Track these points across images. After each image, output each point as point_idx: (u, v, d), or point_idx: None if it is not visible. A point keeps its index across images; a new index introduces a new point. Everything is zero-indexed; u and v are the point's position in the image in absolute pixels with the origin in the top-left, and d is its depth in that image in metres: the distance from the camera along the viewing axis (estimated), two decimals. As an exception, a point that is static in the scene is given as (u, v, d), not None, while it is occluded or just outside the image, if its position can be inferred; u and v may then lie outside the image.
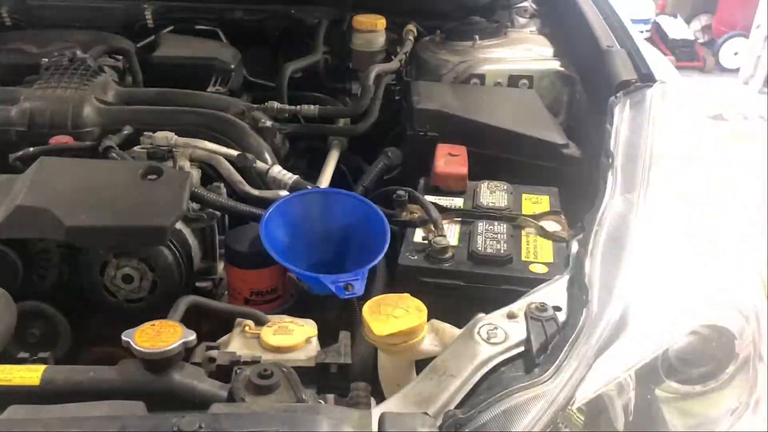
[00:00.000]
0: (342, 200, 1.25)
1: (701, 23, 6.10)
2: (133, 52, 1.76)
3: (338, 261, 1.18)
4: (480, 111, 1.55)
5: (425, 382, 0.87)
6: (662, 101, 1.38)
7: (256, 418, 0.71)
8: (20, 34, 1.84)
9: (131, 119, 1.43)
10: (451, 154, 1.37)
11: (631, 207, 1.09)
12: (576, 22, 1.79)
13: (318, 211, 1.24)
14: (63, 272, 1.19)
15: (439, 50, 1.86)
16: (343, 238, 1.22)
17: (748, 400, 0.99)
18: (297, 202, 1.23)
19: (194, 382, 0.83)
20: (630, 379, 0.92)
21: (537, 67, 1.78)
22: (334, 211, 1.24)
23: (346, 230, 1.22)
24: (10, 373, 0.82)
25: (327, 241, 1.22)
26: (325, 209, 1.24)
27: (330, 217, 1.23)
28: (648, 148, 1.23)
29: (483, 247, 1.14)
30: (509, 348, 0.92)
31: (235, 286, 1.20)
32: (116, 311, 1.17)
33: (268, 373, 0.80)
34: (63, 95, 1.42)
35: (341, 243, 1.22)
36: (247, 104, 1.56)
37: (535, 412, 0.81)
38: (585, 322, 0.90)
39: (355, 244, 1.20)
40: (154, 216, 1.10)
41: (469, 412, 0.80)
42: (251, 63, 1.92)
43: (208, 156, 1.38)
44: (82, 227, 1.07)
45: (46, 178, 1.15)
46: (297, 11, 2.00)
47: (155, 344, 0.81)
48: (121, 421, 0.70)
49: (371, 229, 1.19)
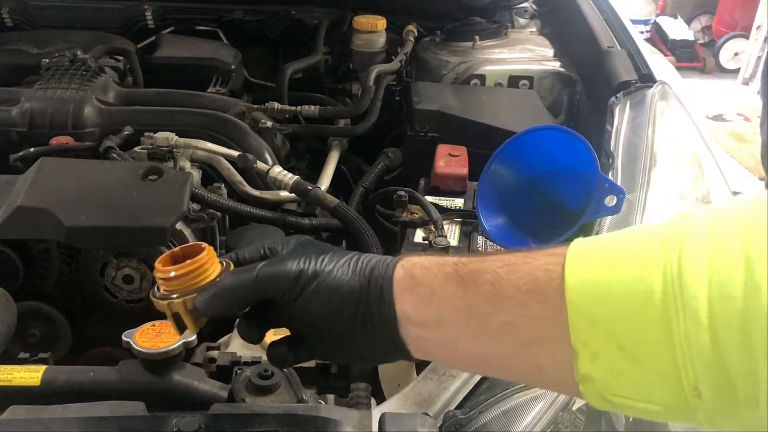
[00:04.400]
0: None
1: (701, 24, 6.10)
2: (133, 53, 1.76)
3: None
4: (480, 112, 1.55)
5: (425, 382, 0.87)
6: (662, 102, 1.38)
7: (257, 418, 0.72)
8: (21, 35, 1.84)
9: (132, 120, 1.43)
10: (451, 154, 1.37)
11: (631, 207, 1.09)
12: (576, 23, 1.80)
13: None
14: (63, 272, 1.19)
15: (440, 51, 1.86)
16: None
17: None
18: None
19: (194, 382, 0.83)
20: (630, 380, 0.91)
21: (537, 67, 1.78)
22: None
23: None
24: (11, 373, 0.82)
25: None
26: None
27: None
28: (648, 148, 1.23)
29: (483, 248, 1.14)
30: (509, 348, 0.92)
31: (236, 286, 1.19)
32: (116, 311, 1.18)
33: (268, 373, 0.80)
34: (63, 96, 1.42)
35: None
36: (247, 105, 1.56)
37: (536, 412, 0.81)
38: (585, 322, 0.89)
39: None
40: (155, 216, 1.10)
41: (469, 412, 0.80)
42: (251, 63, 1.92)
43: (209, 156, 1.38)
44: (83, 228, 1.07)
45: (46, 179, 1.15)
46: (297, 12, 2.00)
47: (155, 344, 0.81)
48: (121, 421, 0.70)
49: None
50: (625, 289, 0.49)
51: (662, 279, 0.48)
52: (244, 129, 1.46)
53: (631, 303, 0.49)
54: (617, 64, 1.51)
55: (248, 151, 1.39)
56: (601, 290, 0.50)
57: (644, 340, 0.48)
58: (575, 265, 0.52)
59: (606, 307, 0.50)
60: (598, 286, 0.50)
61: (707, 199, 1.21)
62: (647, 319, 0.48)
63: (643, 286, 0.48)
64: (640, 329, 0.48)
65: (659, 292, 0.48)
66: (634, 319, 0.49)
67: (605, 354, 0.50)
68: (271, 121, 1.55)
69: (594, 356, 0.50)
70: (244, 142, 1.43)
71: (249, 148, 1.42)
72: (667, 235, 0.50)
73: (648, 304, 0.48)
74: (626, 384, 0.50)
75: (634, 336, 0.49)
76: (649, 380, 0.49)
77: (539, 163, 1.18)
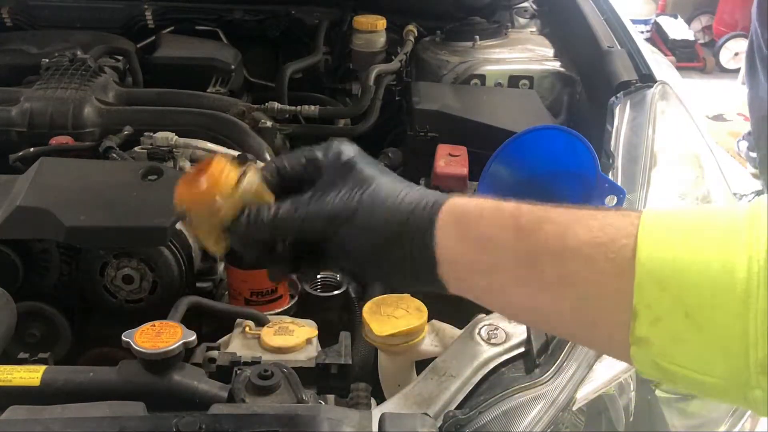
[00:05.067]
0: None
1: (701, 24, 6.10)
2: (133, 53, 1.76)
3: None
4: (480, 111, 1.55)
5: (425, 382, 0.87)
6: (663, 102, 1.38)
7: (257, 418, 0.71)
8: (21, 35, 1.84)
9: (132, 120, 1.43)
10: (451, 154, 1.37)
11: (631, 208, 1.09)
12: (576, 23, 1.80)
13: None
14: (63, 272, 1.19)
15: (440, 51, 1.86)
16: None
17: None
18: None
19: (194, 382, 0.83)
20: (630, 380, 0.92)
21: (537, 67, 1.78)
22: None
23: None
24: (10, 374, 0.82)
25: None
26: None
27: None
28: (648, 148, 1.23)
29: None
30: (510, 348, 0.92)
31: (236, 286, 1.20)
32: (116, 312, 1.17)
33: (268, 373, 0.80)
34: (63, 96, 1.42)
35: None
36: (247, 105, 1.56)
37: (536, 412, 0.81)
38: (585, 322, 0.89)
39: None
40: (155, 216, 1.10)
41: (469, 412, 0.80)
42: (251, 63, 1.92)
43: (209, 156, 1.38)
44: (82, 228, 1.07)
45: (46, 179, 1.15)
46: (297, 12, 2.00)
47: (155, 345, 0.81)
48: (121, 421, 0.70)
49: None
50: (703, 260, 0.48)
51: (747, 261, 0.47)
52: (244, 129, 1.46)
53: (708, 273, 0.48)
54: (617, 64, 1.51)
55: (248, 151, 1.38)
56: (676, 257, 0.49)
57: (716, 311, 0.47)
58: (650, 229, 0.51)
59: (679, 273, 0.48)
60: (675, 253, 0.49)
61: (707, 199, 1.21)
62: (724, 290, 0.47)
63: (725, 262, 0.47)
64: (715, 300, 0.47)
65: (743, 268, 0.47)
66: (709, 289, 0.47)
67: (669, 319, 0.48)
68: (271, 121, 1.55)
69: (656, 319, 0.49)
70: (244, 142, 1.43)
71: (249, 148, 1.42)
72: (753, 221, 0.49)
73: (728, 278, 0.47)
74: (686, 352, 0.49)
75: (705, 305, 0.47)
76: (713, 351, 0.48)
77: (539, 163, 1.18)
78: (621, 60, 1.53)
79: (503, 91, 1.75)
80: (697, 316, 0.48)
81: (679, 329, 0.49)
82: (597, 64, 1.58)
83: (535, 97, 1.68)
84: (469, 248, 0.58)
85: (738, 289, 0.46)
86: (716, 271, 0.47)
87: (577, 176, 1.10)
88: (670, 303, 0.49)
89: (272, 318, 1.06)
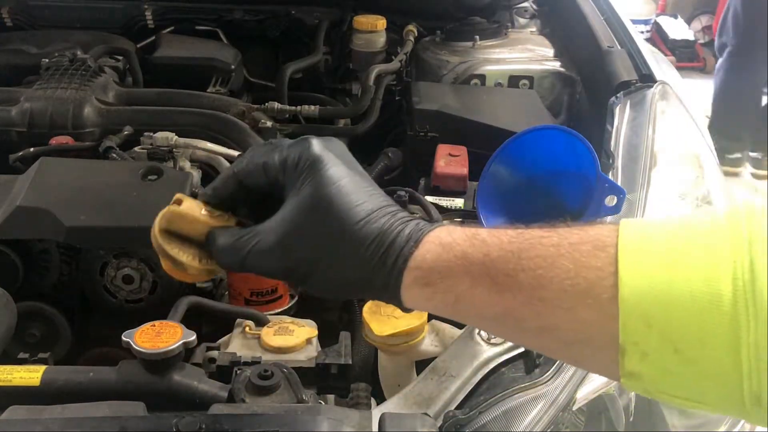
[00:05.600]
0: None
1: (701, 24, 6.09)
2: (133, 53, 1.76)
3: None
4: (480, 111, 1.55)
5: (425, 382, 0.87)
6: (663, 102, 1.38)
7: (257, 418, 0.71)
8: (21, 35, 1.84)
9: (132, 120, 1.43)
10: (451, 154, 1.37)
11: (631, 207, 1.09)
12: (576, 23, 1.79)
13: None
14: (63, 272, 1.19)
15: (440, 51, 1.86)
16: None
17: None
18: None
19: (194, 382, 0.83)
20: (630, 380, 0.91)
21: (537, 67, 1.78)
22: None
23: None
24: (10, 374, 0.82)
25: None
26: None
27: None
28: (648, 148, 1.23)
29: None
30: (510, 349, 0.92)
31: (236, 286, 1.20)
32: (116, 312, 1.17)
33: (268, 373, 0.80)
34: (63, 96, 1.42)
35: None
36: (247, 105, 1.56)
37: (536, 412, 0.81)
38: (585, 322, 0.89)
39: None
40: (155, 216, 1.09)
41: (469, 412, 0.80)
42: (251, 63, 1.92)
43: (209, 156, 1.38)
44: (82, 228, 1.07)
45: (46, 179, 1.15)
46: (297, 12, 2.00)
47: (155, 345, 0.81)
48: (121, 421, 0.70)
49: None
50: (687, 291, 0.46)
51: (732, 283, 0.45)
52: (244, 129, 1.46)
53: (693, 306, 0.46)
54: (617, 64, 1.51)
55: (248, 151, 1.38)
56: (660, 290, 0.47)
57: (706, 346, 0.46)
58: (630, 261, 0.48)
59: (664, 308, 0.47)
60: (658, 285, 0.47)
61: (707, 199, 1.21)
62: (712, 324, 0.45)
63: (710, 290, 0.45)
64: (703, 334, 0.46)
65: (728, 297, 0.45)
66: (697, 324, 0.46)
67: (658, 354, 0.47)
68: (271, 121, 1.55)
69: (644, 355, 0.48)
70: (244, 142, 1.43)
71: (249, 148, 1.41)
72: (734, 232, 0.47)
73: (714, 309, 0.45)
74: (678, 384, 0.48)
75: (695, 340, 0.46)
76: (705, 383, 0.47)
77: (539, 163, 1.18)
78: (621, 60, 1.53)
79: (503, 91, 1.75)
80: (686, 352, 0.47)
81: (668, 364, 0.47)
82: (597, 64, 1.58)
83: (535, 97, 1.68)
84: (440, 308, 0.57)
85: (725, 320, 0.45)
86: (701, 299, 0.46)
87: (577, 176, 1.10)
88: (658, 339, 0.47)
89: (272, 318, 1.06)
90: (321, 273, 0.59)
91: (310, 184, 0.59)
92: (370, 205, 0.58)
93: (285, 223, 0.59)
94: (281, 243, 0.59)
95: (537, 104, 1.64)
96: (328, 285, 0.60)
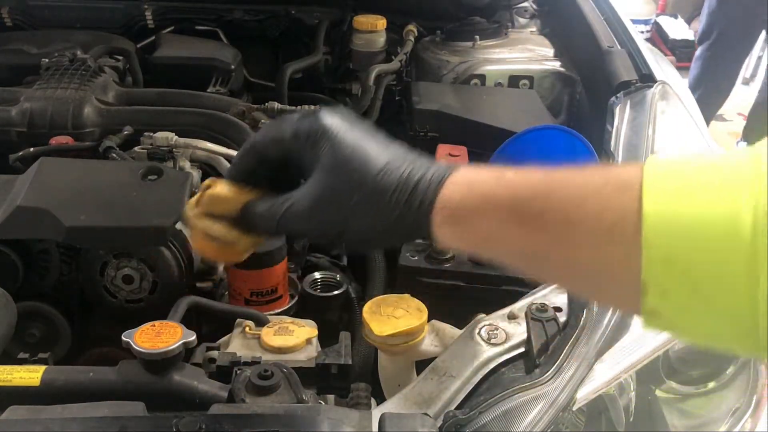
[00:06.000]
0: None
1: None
2: (133, 53, 1.76)
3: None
4: (480, 111, 1.55)
5: (425, 382, 0.87)
6: (663, 102, 1.38)
7: (257, 418, 0.72)
8: (21, 35, 1.84)
9: (131, 120, 1.43)
10: (451, 154, 1.37)
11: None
12: (576, 23, 1.80)
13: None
14: (63, 272, 1.19)
15: (440, 51, 1.86)
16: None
17: (748, 401, 0.99)
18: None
19: (194, 382, 0.83)
20: (630, 380, 0.92)
21: (537, 67, 1.78)
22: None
23: None
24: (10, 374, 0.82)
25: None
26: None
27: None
28: (648, 148, 1.23)
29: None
30: (510, 349, 0.92)
31: (236, 286, 1.20)
32: (116, 312, 1.17)
33: (268, 373, 0.80)
34: (63, 96, 1.42)
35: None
36: (247, 105, 1.56)
37: (536, 412, 0.81)
38: (585, 322, 0.90)
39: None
40: (155, 216, 1.10)
41: (469, 412, 0.80)
42: (251, 63, 1.92)
43: (209, 156, 1.38)
44: (82, 228, 1.07)
45: (46, 179, 1.15)
46: (297, 11, 2.00)
47: (155, 345, 0.81)
48: (121, 421, 0.70)
49: None
50: (710, 225, 0.47)
51: (752, 217, 0.45)
52: (244, 129, 1.46)
53: (714, 242, 0.46)
54: (617, 64, 1.51)
55: (248, 151, 1.38)
56: (682, 224, 0.48)
57: (724, 287, 0.46)
58: (654, 194, 0.49)
59: (685, 243, 0.48)
60: (680, 219, 0.48)
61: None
62: (730, 260, 0.46)
63: (730, 225, 0.46)
64: (721, 275, 0.46)
65: (747, 232, 0.45)
66: (716, 262, 0.47)
67: (677, 292, 0.48)
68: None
69: (664, 293, 0.49)
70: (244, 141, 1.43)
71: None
72: (755, 168, 0.47)
73: (734, 246, 0.46)
74: (696, 324, 0.50)
75: (713, 277, 0.47)
76: (721, 325, 0.48)
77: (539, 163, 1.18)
78: (621, 60, 1.53)
79: (503, 91, 1.75)
80: (705, 291, 0.47)
81: (688, 302, 0.48)
82: (597, 64, 1.58)
83: (535, 97, 1.68)
84: (471, 245, 0.60)
85: (743, 257, 0.45)
86: (721, 234, 0.46)
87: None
88: (679, 277, 0.48)
89: (272, 318, 1.06)
90: (353, 228, 0.62)
91: (328, 151, 0.63)
92: (386, 156, 0.62)
93: (313, 188, 0.63)
94: (312, 207, 0.63)
95: (537, 104, 1.64)
96: (362, 238, 0.63)
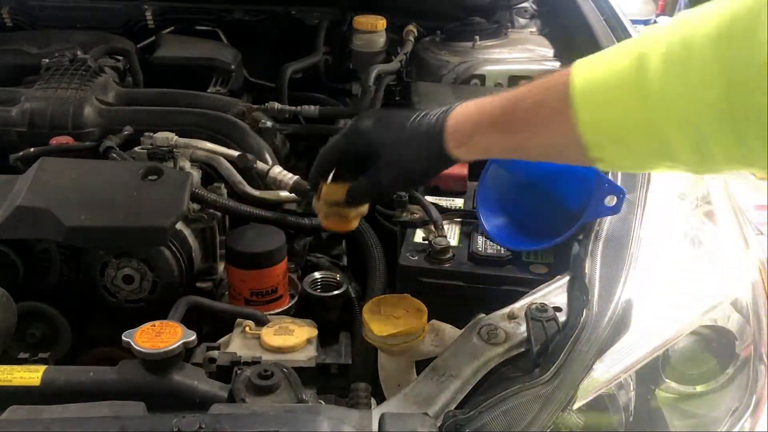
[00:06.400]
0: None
1: (701, 24, 6.10)
2: (133, 53, 1.76)
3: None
4: (480, 111, 1.55)
5: (425, 382, 0.87)
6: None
7: (257, 418, 0.72)
8: (21, 35, 1.84)
9: (132, 120, 1.43)
10: (451, 154, 1.37)
11: (631, 207, 1.09)
12: (576, 23, 1.79)
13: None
14: (63, 272, 1.19)
15: (440, 51, 1.86)
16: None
17: (748, 401, 0.99)
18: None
19: (194, 382, 0.83)
20: (630, 380, 0.92)
21: (537, 67, 1.78)
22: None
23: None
24: (10, 374, 0.82)
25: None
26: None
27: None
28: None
29: (483, 248, 1.14)
30: (510, 348, 0.92)
31: (236, 286, 1.20)
32: (116, 311, 1.18)
33: (268, 373, 0.80)
34: (63, 96, 1.42)
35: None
36: (247, 105, 1.56)
37: (536, 412, 0.81)
38: (585, 322, 0.90)
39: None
40: (155, 216, 1.10)
41: (469, 412, 0.80)
42: (251, 63, 1.92)
43: (209, 156, 1.38)
44: (82, 228, 1.07)
45: (46, 179, 1.15)
46: (297, 12, 2.00)
47: (155, 344, 0.82)
48: (121, 421, 0.70)
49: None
50: (616, 87, 0.69)
51: (639, 65, 0.67)
52: (244, 129, 1.46)
53: (622, 94, 0.69)
54: (617, 64, 1.51)
55: (248, 151, 1.38)
56: (598, 93, 0.71)
57: (634, 135, 0.70)
58: (578, 78, 0.72)
59: (603, 108, 0.71)
60: (595, 90, 0.71)
61: (707, 198, 1.21)
62: (634, 111, 0.68)
63: (635, 73, 0.67)
64: (631, 124, 0.69)
65: (647, 76, 0.66)
66: (626, 116, 0.69)
67: (607, 143, 0.72)
68: (271, 121, 1.55)
69: (599, 145, 0.73)
70: (244, 142, 1.43)
71: (249, 148, 1.42)
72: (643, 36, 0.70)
73: (632, 92, 0.68)
74: (627, 161, 0.77)
75: (629, 130, 0.70)
76: (643, 159, 0.75)
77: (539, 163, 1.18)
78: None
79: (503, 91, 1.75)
80: (624, 138, 0.71)
81: (615, 148, 0.73)
82: (597, 64, 1.57)
83: (535, 97, 1.67)
84: (479, 156, 0.89)
85: (639, 107, 0.68)
86: (627, 88, 0.69)
87: (577, 176, 1.10)
88: (605, 133, 0.72)
89: (272, 318, 1.06)
90: (412, 177, 0.93)
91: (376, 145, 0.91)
92: (409, 118, 0.89)
93: (379, 163, 0.90)
94: (382, 171, 0.90)
95: (537, 104, 1.63)
96: (414, 177, 0.94)
